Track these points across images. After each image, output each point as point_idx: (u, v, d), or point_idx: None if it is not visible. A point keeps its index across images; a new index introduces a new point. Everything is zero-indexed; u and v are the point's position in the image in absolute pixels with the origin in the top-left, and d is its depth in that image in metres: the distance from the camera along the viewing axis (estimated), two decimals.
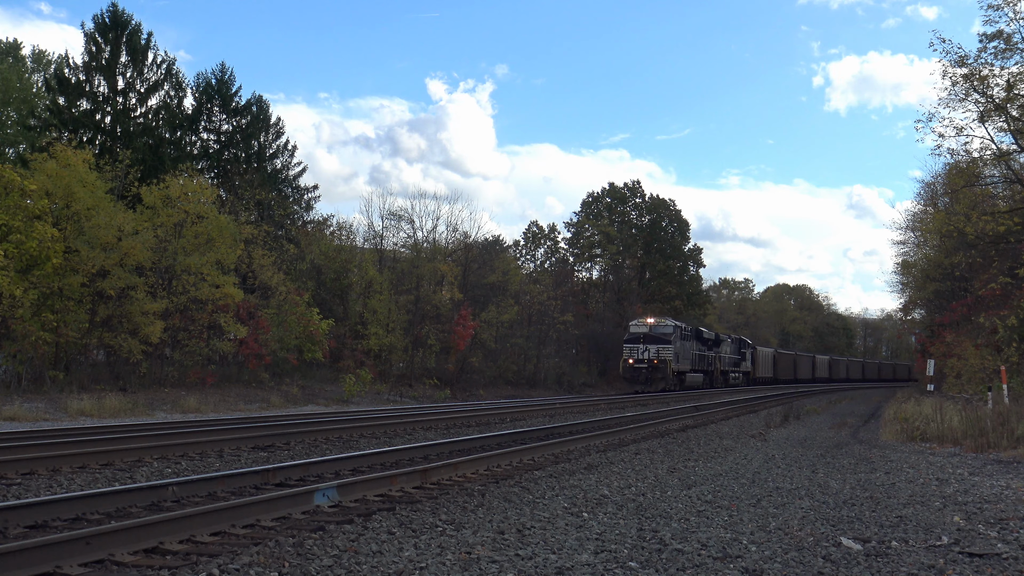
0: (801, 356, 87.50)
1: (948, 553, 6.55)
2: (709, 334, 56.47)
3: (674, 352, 46.03)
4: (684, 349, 48.44)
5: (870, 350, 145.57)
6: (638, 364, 45.12)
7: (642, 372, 44.83)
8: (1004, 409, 17.21)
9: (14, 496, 8.58)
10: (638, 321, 48.13)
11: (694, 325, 56.55)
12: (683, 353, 48.13)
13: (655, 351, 45.26)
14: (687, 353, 49.03)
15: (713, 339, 56.98)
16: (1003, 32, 26.90)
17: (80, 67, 40.52)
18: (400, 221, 50.80)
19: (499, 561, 6.01)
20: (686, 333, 49.79)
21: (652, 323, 47.15)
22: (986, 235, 29.25)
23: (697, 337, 52.76)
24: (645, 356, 45.21)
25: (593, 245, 79.07)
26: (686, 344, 49.09)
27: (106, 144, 38.90)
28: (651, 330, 46.58)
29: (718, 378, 57.34)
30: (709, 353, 55.37)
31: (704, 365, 53.64)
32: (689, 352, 49.63)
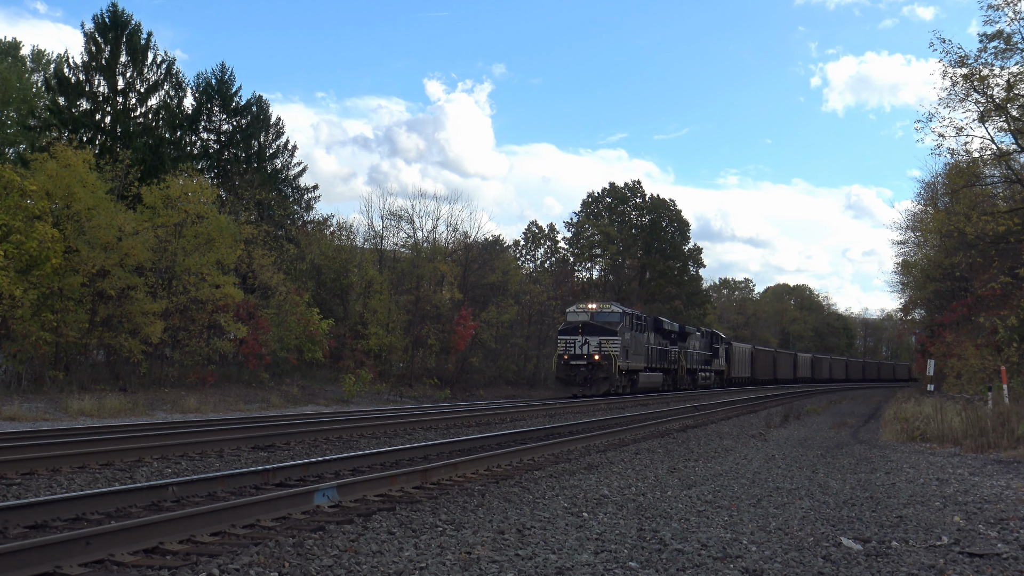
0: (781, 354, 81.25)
1: (948, 553, 6.55)
2: (671, 325, 48.00)
3: (622, 346, 37.51)
4: (636, 342, 40.03)
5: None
6: (575, 361, 36.49)
7: (580, 371, 36.25)
8: (1004, 409, 17.21)
9: (14, 496, 8.58)
10: (577, 307, 39.49)
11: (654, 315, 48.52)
12: (635, 347, 39.71)
13: (596, 344, 36.54)
14: (640, 347, 40.75)
15: (677, 331, 48.61)
16: (1003, 32, 26.90)
17: (80, 67, 40.53)
18: (400, 221, 50.79)
19: (499, 561, 6.01)
20: (639, 323, 41.33)
21: (594, 309, 38.53)
22: (986, 235, 29.25)
23: (656, 328, 44.58)
24: (584, 351, 36.54)
25: (593, 245, 79.09)
26: (639, 336, 40.78)
27: (106, 144, 38.91)
28: (592, 317, 37.92)
29: (683, 378, 49.13)
30: (672, 348, 47.21)
31: (665, 362, 45.68)
32: (643, 346, 41.19)
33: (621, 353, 37.29)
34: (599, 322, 37.50)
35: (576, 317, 38.41)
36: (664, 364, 45.40)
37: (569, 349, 36.81)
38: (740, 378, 64.48)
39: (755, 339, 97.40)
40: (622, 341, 37.45)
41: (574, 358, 36.48)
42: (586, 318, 37.95)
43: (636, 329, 40.26)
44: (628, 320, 39.07)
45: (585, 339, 36.79)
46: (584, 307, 38.90)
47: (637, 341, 40.09)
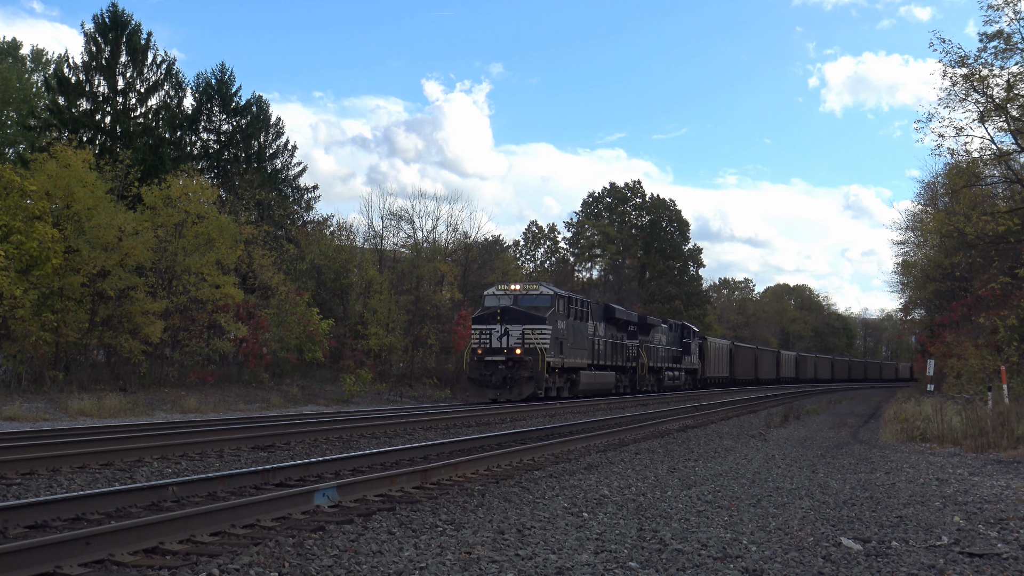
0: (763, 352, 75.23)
1: (948, 553, 6.55)
2: (628, 315, 40.45)
3: (554, 337, 30.39)
4: (576, 333, 32.76)
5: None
6: (491, 356, 29.65)
7: (497, 369, 29.46)
8: (1004, 409, 17.22)
9: (14, 496, 8.58)
10: (496, 288, 32.01)
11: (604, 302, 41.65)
12: (574, 339, 32.46)
13: (519, 335, 29.54)
14: (582, 339, 33.47)
15: (636, 322, 41.04)
16: (1003, 32, 26.91)
17: (80, 67, 40.55)
18: (400, 221, 50.81)
19: (499, 561, 6.01)
20: (581, 309, 33.93)
21: (518, 290, 31.19)
22: (986, 235, 29.26)
23: (607, 317, 37.23)
24: (503, 343, 29.60)
25: (593, 245, 79.12)
26: (580, 326, 33.39)
27: (106, 144, 38.92)
28: (516, 301, 30.81)
29: (644, 378, 41.80)
30: (629, 342, 39.96)
31: (619, 359, 38.22)
32: (586, 338, 33.94)
33: (552, 346, 30.16)
34: (524, 307, 30.36)
35: (495, 301, 31.09)
36: (618, 361, 37.99)
37: (484, 341, 29.88)
38: (716, 378, 58.43)
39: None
40: (554, 331, 30.39)
41: (490, 352, 29.64)
42: (508, 302, 30.71)
43: (575, 317, 32.88)
44: (563, 305, 31.76)
45: (505, 328, 29.61)
46: (506, 288, 31.58)
47: (577, 332, 32.84)
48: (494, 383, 29.41)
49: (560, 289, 34.12)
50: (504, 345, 29.65)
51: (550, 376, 30.38)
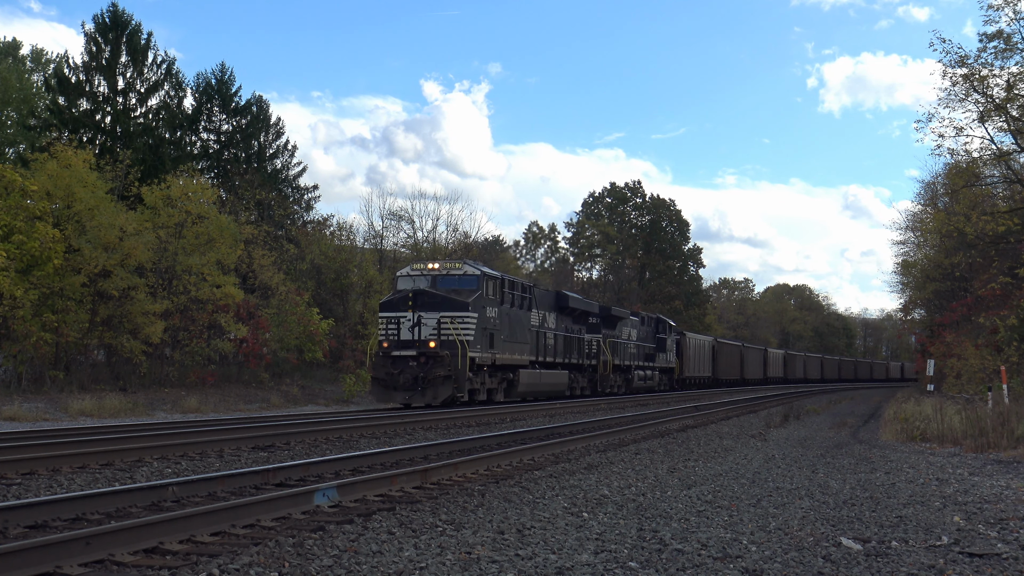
0: (749, 349, 70.62)
1: (948, 553, 6.55)
2: (587, 304, 34.71)
3: (480, 327, 24.57)
4: (513, 323, 26.96)
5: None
6: (399, 351, 23.79)
7: (407, 367, 23.65)
8: (1004, 409, 17.22)
9: (14, 496, 8.59)
10: (411, 267, 26.25)
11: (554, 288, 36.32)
12: (510, 330, 26.71)
13: (434, 325, 23.75)
14: (521, 331, 27.78)
15: (598, 314, 35.34)
16: (1003, 32, 26.94)
17: (80, 67, 40.56)
18: (400, 221, 50.84)
19: (499, 561, 6.02)
20: (519, 295, 27.87)
21: (436, 269, 25.31)
22: (986, 235, 29.28)
23: (559, 307, 31.61)
24: (415, 335, 23.84)
25: (593, 245, 79.14)
26: (520, 315, 27.68)
27: (106, 144, 38.93)
28: (434, 284, 24.93)
29: (608, 378, 36.13)
30: (588, 336, 34.28)
31: (574, 355, 32.56)
32: (527, 330, 28.23)
33: (479, 338, 24.53)
34: (443, 290, 24.56)
35: (408, 284, 25.16)
36: (573, 358, 32.55)
37: (392, 333, 24.01)
38: (697, 378, 53.97)
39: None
40: (481, 320, 24.64)
41: (398, 346, 23.82)
42: (424, 284, 24.87)
43: (514, 304, 27.29)
44: (493, 288, 25.80)
45: (417, 317, 23.79)
46: (422, 268, 25.72)
47: (515, 322, 27.21)
48: (403, 384, 23.55)
49: (491, 269, 28.23)
50: (416, 337, 23.79)
51: (476, 375, 24.79)
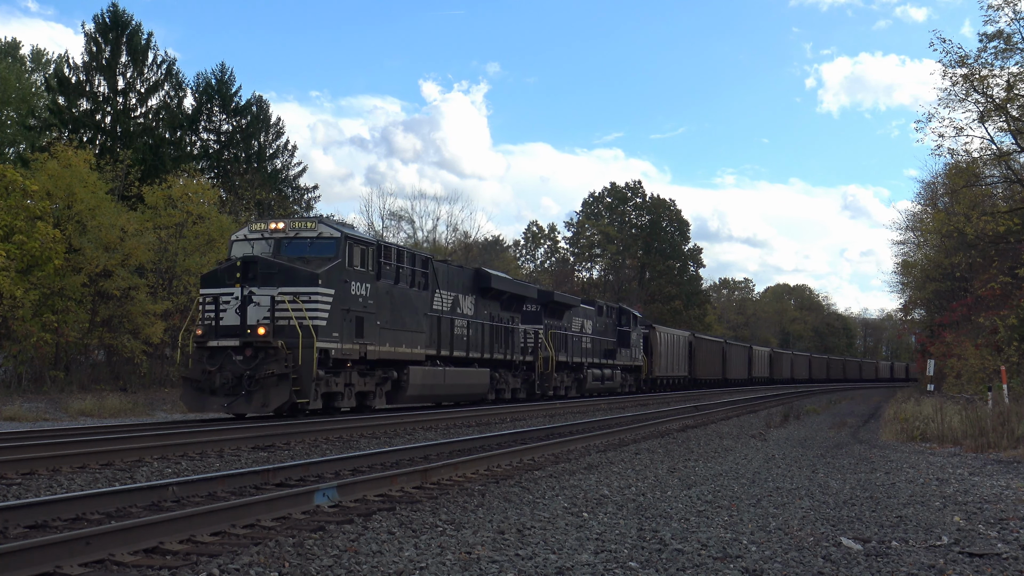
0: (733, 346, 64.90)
1: (948, 553, 6.56)
2: (519, 286, 29.46)
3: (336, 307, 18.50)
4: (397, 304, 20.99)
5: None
6: (218, 341, 17.85)
7: (229, 363, 17.67)
8: (1004, 409, 17.22)
9: (14, 496, 8.59)
10: (250, 229, 19.76)
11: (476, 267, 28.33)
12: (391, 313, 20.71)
13: (267, 304, 17.70)
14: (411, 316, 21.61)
15: (537, 299, 29.96)
16: (1003, 32, 26.95)
17: (80, 67, 40.55)
18: (400, 221, 50.85)
19: (499, 561, 6.02)
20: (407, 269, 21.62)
21: (281, 230, 19.08)
22: (986, 235, 29.28)
23: (477, 287, 25.77)
24: (241, 319, 17.76)
25: (593, 245, 79.14)
26: (408, 294, 21.49)
27: (106, 144, 38.94)
28: (277, 249, 18.88)
29: (550, 377, 30.20)
30: (523, 327, 28.94)
31: (500, 349, 26.83)
32: (419, 315, 21.96)
33: (336, 322, 18.40)
34: (286, 258, 18.52)
35: (244, 250, 19.01)
36: (499, 352, 26.59)
37: (209, 317, 18.04)
38: (671, 378, 48.39)
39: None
40: (339, 298, 18.50)
41: (219, 334, 17.82)
42: (264, 250, 18.84)
43: (399, 279, 21.01)
44: (363, 256, 19.55)
45: (247, 293, 17.72)
46: (263, 227, 19.35)
47: (401, 303, 21.12)
48: (220, 386, 17.56)
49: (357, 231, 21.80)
50: (243, 321, 17.61)
51: (336, 374, 18.82)
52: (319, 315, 17.97)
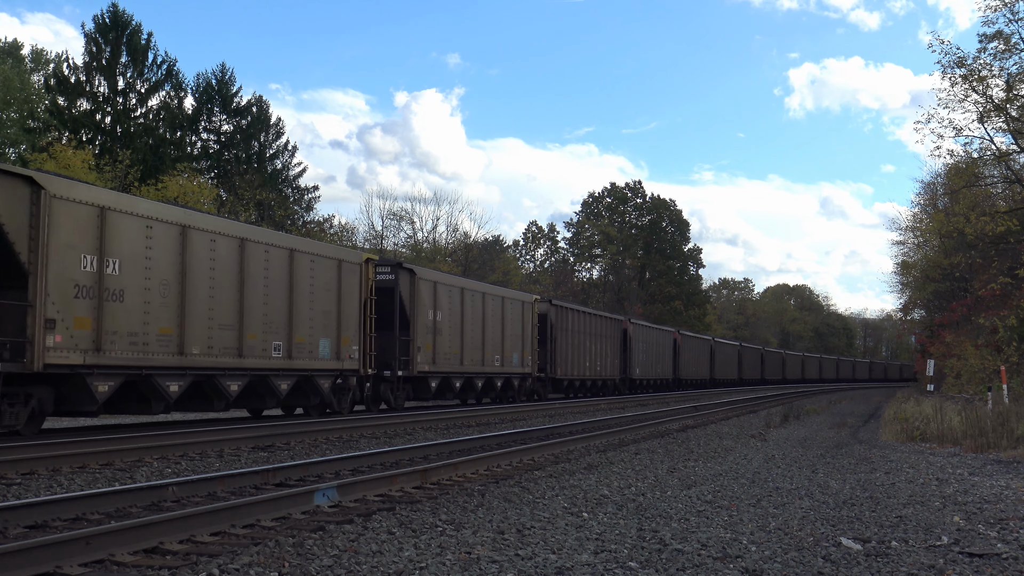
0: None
1: (948, 553, 6.56)
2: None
3: None
4: None
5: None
6: None
7: None
8: (1004, 409, 17.23)
9: (14, 496, 8.59)
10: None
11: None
12: None
13: None
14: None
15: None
16: (1002, 33, 27.00)
17: (80, 67, 40.57)
18: (400, 222, 50.88)
19: (499, 561, 6.02)
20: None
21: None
22: (986, 235, 29.32)
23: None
24: None
25: (593, 245, 79.18)
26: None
27: (106, 144, 38.95)
28: None
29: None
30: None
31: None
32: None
33: None
34: None
35: None
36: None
37: None
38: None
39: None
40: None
41: None
42: None
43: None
44: None
45: None
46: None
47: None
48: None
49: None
50: None
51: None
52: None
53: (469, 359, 25.99)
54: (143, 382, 15.32)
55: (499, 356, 28.02)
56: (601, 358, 37.83)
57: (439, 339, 24.19)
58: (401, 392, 23.19)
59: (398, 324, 22.47)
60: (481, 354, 26.67)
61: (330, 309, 20.12)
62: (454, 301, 25.16)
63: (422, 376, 23.57)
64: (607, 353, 38.63)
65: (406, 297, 22.92)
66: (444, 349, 24.53)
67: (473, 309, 26.19)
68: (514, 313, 29.19)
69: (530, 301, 30.81)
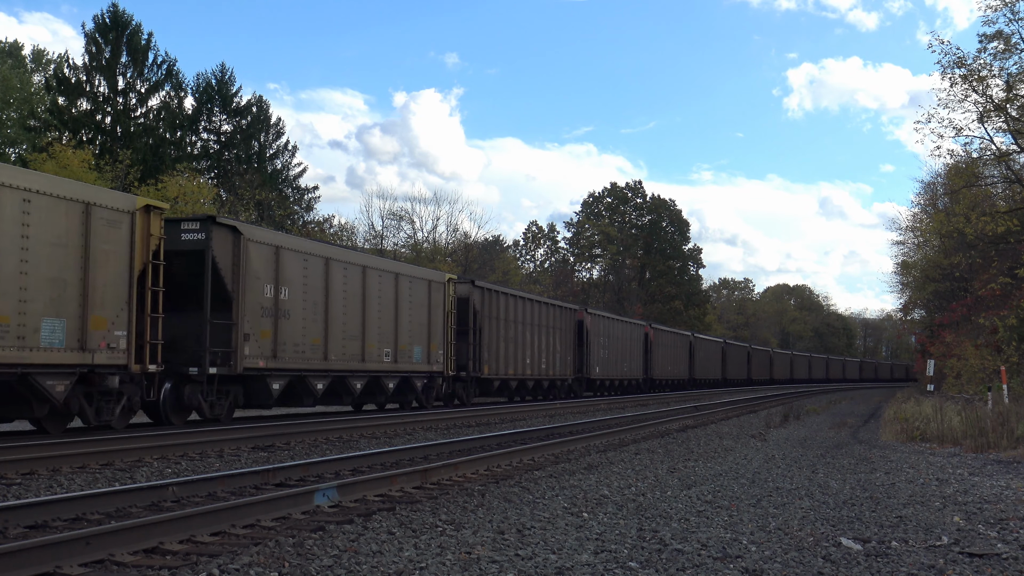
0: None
1: (948, 553, 6.56)
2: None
3: None
4: None
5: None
6: None
7: None
8: (1004, 409, 17.23)
9: (14, 496, 8.59)
10: None
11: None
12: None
13: None
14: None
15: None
16: (1002, 33, 27.02)
17: (80, 67, 40.56)
18: (400, 221, 50.88)
19: (499, 561, 6.02)
20: None
21: None
22: (986, 235, 29.33)
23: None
24: None
25: (593, 245, 79.18)
26: None
27: (106, 144, 38.94)
28: None
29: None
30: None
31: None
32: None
33: None
34: None
35: None
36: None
37: None
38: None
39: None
40: None
41: None
42: None
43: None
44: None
45: None
46: None
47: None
48: None
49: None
50: None
51: None
52: None
53: (339, 352, 19.89)
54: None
55: (390, 349, 21.97)
56: (548, 354, 32.19)
57: (284, 325, 18.19)
58: (206, 399, 16.62)
59: (209, 302, 16.48)
60: (360, 346, 20.64)
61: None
62: (313, 275, 19.22)
63: (255, 374, 17.50)
64: (556, 348, 32.98)
65: (224, 265, 16.84)
66: (294, 338, 18.48)
67: (347, 286, 20.36)
68: (417, 295, 23.28)
69: (441, 280, 24.65)
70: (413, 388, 23.66)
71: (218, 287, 16.74)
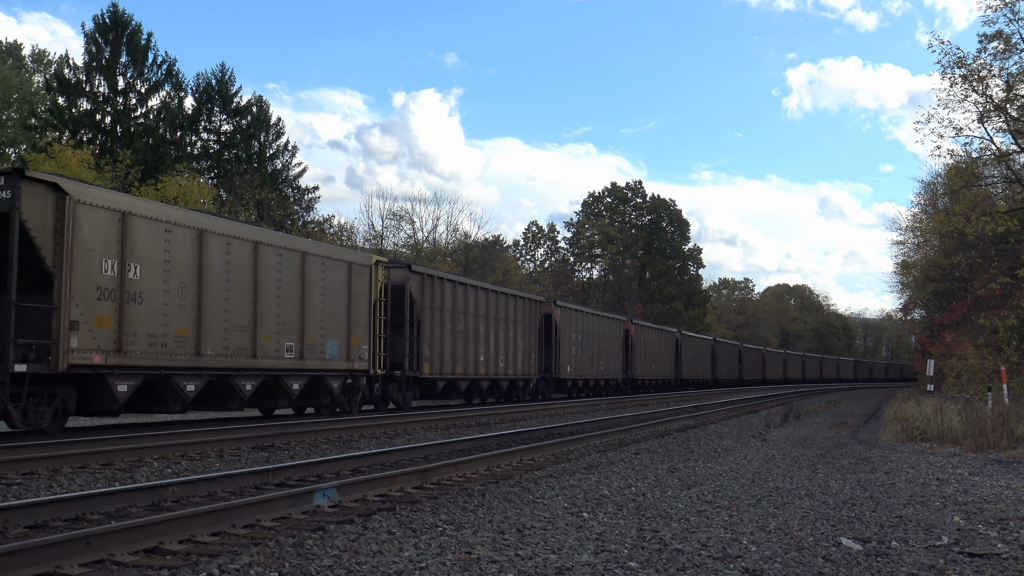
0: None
1: (948, 553, 6.56)
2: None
3: None
4: None
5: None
6: None
7: None
8: (1004, 409, 17.23)
9: (14, 496, 8.59)
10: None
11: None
12: None
13: None
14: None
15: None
16: (1002, 33, 27.03)
17: (80, 67, 40.57)
18: (400, 221, 50.88)
19: (499, 561, 6.02)
20: None
21: None
22: (986, 235, 29.33)
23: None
24: None
25: (593, 245, 79.18)
26: None
27: (106, 144, 38.95)
28: None
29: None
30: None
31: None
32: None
33: None
34: None
35: None
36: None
37: None
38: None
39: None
40: None
41: None
42: None
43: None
44: None
45: None
46: None
47: None
48: None
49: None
50: None
51: None
52: None
53: (218, 346, 16.38)
54: (161, 382, 15.20)
55: (293, 344, 18.46)
56: (507, 351, 28.96)
57: (135, 311, 14.55)
58: (15, 405, 12.90)
59: (15, 279, 12.80)
60: (251, 338, 17.19)
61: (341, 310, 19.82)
62: (179, 250, 15.53)
63: (91, 373, 13.91)
64: (518, 344, 29.87)
65: (40, 232, 13.12)
66: (149, 328, 14.84)
67: (232, 266, 16.79)
68: (332, 279, 19.81)
69: (366, 263, 21.25)
70: (328, 390, 19.79)
71: (31, 260, 13.04)
